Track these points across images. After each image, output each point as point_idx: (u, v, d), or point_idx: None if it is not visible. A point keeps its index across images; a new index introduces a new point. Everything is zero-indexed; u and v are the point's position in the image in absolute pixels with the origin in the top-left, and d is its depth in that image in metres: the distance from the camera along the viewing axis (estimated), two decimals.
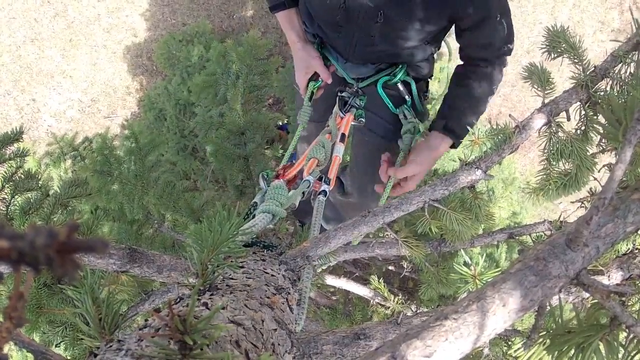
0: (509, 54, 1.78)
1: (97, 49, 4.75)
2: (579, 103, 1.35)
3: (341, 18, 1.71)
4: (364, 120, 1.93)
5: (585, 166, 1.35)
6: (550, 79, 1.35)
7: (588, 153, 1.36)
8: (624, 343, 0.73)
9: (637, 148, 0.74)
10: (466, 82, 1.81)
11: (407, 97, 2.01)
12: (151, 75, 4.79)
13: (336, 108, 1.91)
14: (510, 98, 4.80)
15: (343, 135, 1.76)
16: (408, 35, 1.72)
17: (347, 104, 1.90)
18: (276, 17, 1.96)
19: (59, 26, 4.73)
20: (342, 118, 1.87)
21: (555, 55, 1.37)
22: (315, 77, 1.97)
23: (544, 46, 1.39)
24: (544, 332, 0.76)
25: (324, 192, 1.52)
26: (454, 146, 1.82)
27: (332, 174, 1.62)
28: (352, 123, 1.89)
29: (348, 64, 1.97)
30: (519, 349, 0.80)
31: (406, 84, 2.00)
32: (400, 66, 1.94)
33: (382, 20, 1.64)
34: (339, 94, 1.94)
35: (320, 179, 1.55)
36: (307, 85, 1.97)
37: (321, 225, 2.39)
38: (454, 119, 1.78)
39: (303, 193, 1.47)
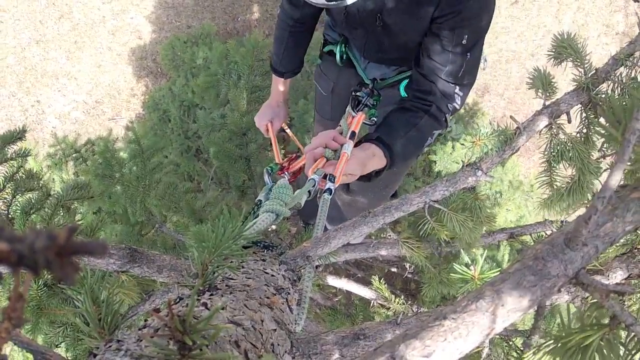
0: (449, 109, 1.62)
1: (102, 50, 4.77)
2: (580, 105, 1.35)
3: (346, 21, 1.76)
4: (375, 119, 1.92)
5: (588, 170, 1.34)
6: (552, 82, 1.35)
7: (592, 158, 1.35)
8: (624, 342, 0.73)
9: (637, 147, 0.74)
10: (410, 112, 1.68)
11: None
12: (156, 77, 4.80)
13: (349, 107, 1.91)
14: (514, 101, 4.79)
15: (353, 133, 1.74)
16: (410, 39, 1.73)
17: (361, 103, 1.91)
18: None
19: (64, 28, 4.75)
20: (353, 117, 1.87)
21: (561, 60, 1.37)
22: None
23: (552, 52, 1.39)
24: (552, 340, 0.76)
25: (329, 190, 1.50)
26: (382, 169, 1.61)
27: (339, 172, 1.59)
28: (364, 122, 1.89)
29: (370, 64, 2.02)
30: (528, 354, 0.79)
31: None
32: None
33: (381, 25, 1.68)
34: (353, 93, 1.94)
35: (325, 176, 1.54)
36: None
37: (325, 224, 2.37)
38: (391, 136, 1.62)
39: (309, 192, 1.46)
